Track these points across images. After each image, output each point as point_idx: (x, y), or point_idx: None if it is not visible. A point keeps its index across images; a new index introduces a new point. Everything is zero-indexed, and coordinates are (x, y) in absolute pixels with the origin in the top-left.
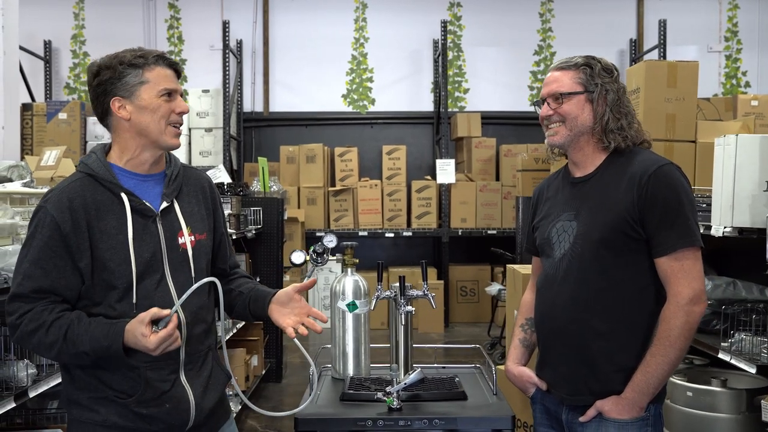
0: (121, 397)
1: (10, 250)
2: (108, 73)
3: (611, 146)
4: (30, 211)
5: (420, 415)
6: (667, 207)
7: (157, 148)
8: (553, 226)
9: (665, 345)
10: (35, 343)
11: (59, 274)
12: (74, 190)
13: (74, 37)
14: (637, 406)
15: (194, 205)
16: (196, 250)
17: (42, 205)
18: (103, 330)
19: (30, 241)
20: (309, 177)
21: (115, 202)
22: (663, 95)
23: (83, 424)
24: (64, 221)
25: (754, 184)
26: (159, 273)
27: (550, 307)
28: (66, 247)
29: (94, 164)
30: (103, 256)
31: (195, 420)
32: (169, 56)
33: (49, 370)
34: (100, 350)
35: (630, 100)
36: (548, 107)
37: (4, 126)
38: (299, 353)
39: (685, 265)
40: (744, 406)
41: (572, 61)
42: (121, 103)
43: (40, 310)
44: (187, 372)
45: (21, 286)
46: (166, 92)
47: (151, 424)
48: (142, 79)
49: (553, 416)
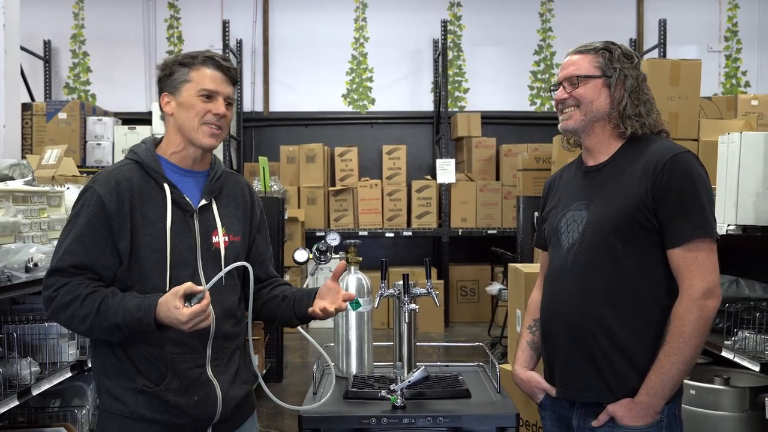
0: (149, 386)
1: (12, 248)
2: (164, 71)
3: (628, 132)
4: (32, 209)
5: (424, 413)
6: (682, 196)
7: (194, 146)
8: (562, 216)
9: (679, 343)
10: (69, 315)
11: (99, 252)
12: (122, 173)
13: (74, 37)
14: (652, 410)
15: (232, 207)
16: (228, 251)
17: (90, 185)
18: (136, 303)
19: (75, 218)
20: (309, 177)
21: (158, 191)
22: (666, 93)
23: (111, 415)
24: (110, 201)
25: (758, 182)
26: (192, 268)
27: (557, 301)
28: (109, 227)
29: (143, 153)
30: (142, 240)
31: (221, 414)
32: (222, 60)
33: (52, 368)
34: (132, 322)
35: (650, 89)
36: (564, 91)
37: (5, 125)
38: (300, 353)
39: (699, 257)
40: (747, 404)
41: (591, 45)
42: (168, 99)
43: (77, 284)
44: (213, 368)
45: (61, 261)
46: (205, 93)
47: (179, 416)
48: (187, 77)
49: (563, 422)
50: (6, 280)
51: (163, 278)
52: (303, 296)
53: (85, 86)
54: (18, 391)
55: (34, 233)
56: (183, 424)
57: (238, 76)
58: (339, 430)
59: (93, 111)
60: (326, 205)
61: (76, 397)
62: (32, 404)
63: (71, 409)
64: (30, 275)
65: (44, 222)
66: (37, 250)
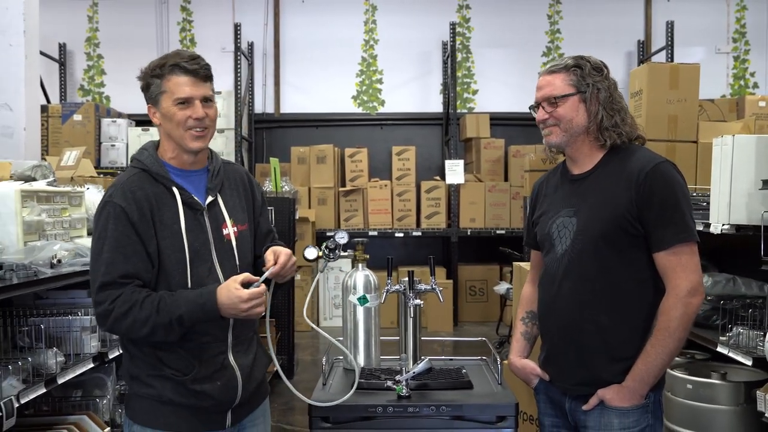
0: (177, 375)
1: (38, 245)
2: (142, 83)
3: (607, 144)
4: (55, 209)
5: (428, 403)
6: (664, 204)
7: (186, 152)
8: (553, 222)
9: (664, 336)
10: (130, 322)
11: (138, 258)
12: (135, 183)
13: (88, 40)
14: (638, 394)
15: (235, 197)
16: (239, 241)
17: (107, 200)
18: (196, 293)
19: (103, 233)
20: (319, 177)
21: (168, 194)
22: (665, 97)
23: (141, 398)
24: (131, 211)
25: (750, 183)
26: (209, 262)
27: (552, 303)
28: (137, 235)
29: (147, 160)
30: (163, 243)
31: (241, 397)
32: (189, 62)
33: (75, 359)
34: (195, 309)
35: (622, 96)
36: (544, 111)
37: (25, 128)
38: (310, 350)
39: (683, 259)
40: (742, 398)
41: (562, 63)
42: (153, 110)
43: (130, 293)
44: (235, 353)
45: (108, 275)
46: (181, 100)
47: (203, 400)
48: (162, 88)
49: (556, 405)
50: (33, 275)
51: (185, 276)
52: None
53: (99, 88)
54: (45, 379)
55: (56, 231)
56: (207, 407)
57: (210, 71)
58: (347, 418)
59: (107, 113)
60: (336, 206)
61: (96, 388)
62: (55, 394)
63: (93, 399)
64: (54, 271)
65: (66, 221)
66: (60, 247)
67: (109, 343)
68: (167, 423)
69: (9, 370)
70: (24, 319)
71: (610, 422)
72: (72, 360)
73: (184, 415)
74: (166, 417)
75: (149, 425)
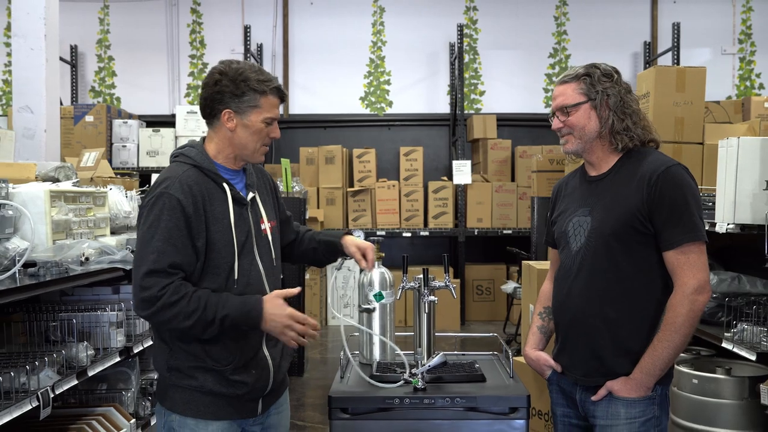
0: (218, 365)
1: (68, 243)
2: (230, 86)
3: (618, 147)
4: (81, 208)
5: (443, 394)
6: (673, 205)
7: (245, 159)
8: (569, 221)
9: (671, 330)
10: (175, 312)
11: (186, 251)
12: (190, 177)
13: (99, 42)
14: (645, 386)
15: (266, 195)
16: (273, 235)
17: (164, 191)
18: (241, 299)
19: (156, 222)
20: (328, 178)
21: (218, 190)
22: (672, 99)
23: (181, 389)
24: (187, 204)
25: (754, 184)
26: (251, 255)
27: (566, 297)
28: (189, 228)
29: (198, 157)
30: (214, 237)
31: (272, 385)
32: (280, 88)
33: (103, 353)
34: (241, 315)
35: (636, 99)
36: (558, 120)
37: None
38: (319, 349)
39: (691, 258)
40: (747, 392)
41: (573, 72)
42: (230, 115)
43: (179, 284)
44: (267, 343)
45: (158, 262)
46: (270, 120)
47: (240, 389)
48: (257, 103)
49: (568, 396)
50: (65, 271)
51: (232, 268)
52: (329, 246)
53: (110, 90)
54: (77, 371)
55: (82, 230)
56: (242, 395)
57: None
58: (365, 409)
59: (118, 114)
60: (345, 206)
61: (120, 382)
62: (81, 387)
63: (118, 392)
64: (84, 268)
65: (91, 220)
66: (89, 245)
67: (133, 338)
68: (207, 412)
69: (45, 362)
70: (53, 314)
71: (617, 412)
72: (101, 353)
73: (221, 403)
74: (206, 406)
75: (189, 415)
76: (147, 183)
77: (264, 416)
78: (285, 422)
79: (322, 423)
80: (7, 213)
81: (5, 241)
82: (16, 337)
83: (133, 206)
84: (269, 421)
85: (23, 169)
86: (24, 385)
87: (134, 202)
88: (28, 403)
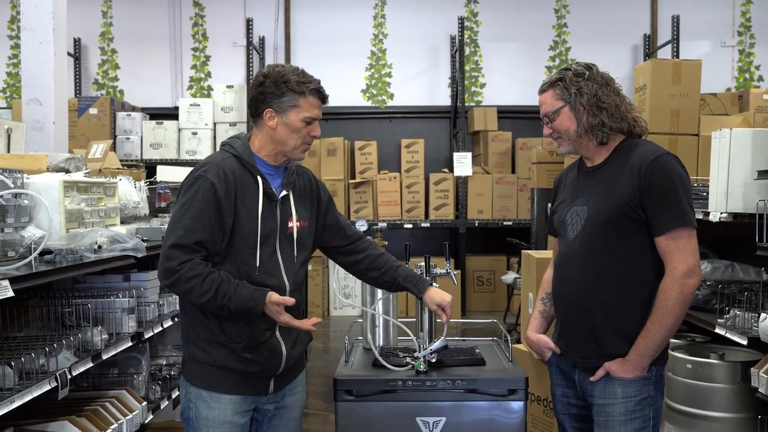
0: (231, 342)
1: (81, 231)
2: (272, 87)
3: (595, 142)
4: (92, 198)
5: (444, 377)
6: (662, 192)
7: (286, 156)
8: (568, 210)
9: (663, 313)
10: (189, 287)
11: (213, 230)
12: (228, 165)
13: (102, 35)
14: (640, 366)
15: (303, 197)
16: (299, 234)
17: (201, 174)
18: (248, 293)
19: (190, 201)
20: (330, 170)
21: (252, 182)
22: (668, 92)
23: (196, 362)
24: (220, 188)
25: (746, 174)
26: (272, 247)
27: (564, 283)
28: (219, 210)
29: (240, 149)
30: (241, 223)
31: (284, 367)
32: (321, 89)
33: (117, 338)
34: (243, 309)
35: (617, 89)
36: (547, 127)
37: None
38: (322, 339)
39: (680, 243)
40: (739, 376)
41: (549, 80)
42: (272, 114)
43: (198, 262)
44: (282, 329)
45: (184, 238)
46: (310, 119)
47: (250, 366)
48: (296, 103)
49: (567, 376)
50: (80, 259)
51: (254, 255)
52: (404, 289)
53: (113, 82)
54: (92, 354)
55: (93, 220)
56: (253, 372)
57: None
58: (369, 391)
59: (122, 106)
60: (346, 197)
61: (131, 367)
62: (93, 372)
63: (130, 376)
64: (97, 255)
65: (102, 210)
66: (101, 234)
67: (144, 324)
68: (219, 385)
69: (63, 344)
70: (67, 300)
71: (614, 391)
72: (115, 337)
73: (233, 379)
74: (219, 380)
75: (203, 387)
76: (152, 175)
77: (277, 396)
78: (299, 403)
79: (325, 410)
80: (23, 202)
81: (21, 230)
82: (33, 321)
83: (142, 197)
84: (284, 401)
85: (35, 161)
86: (43, 366)
87: (143, 192)
88: (47, 384)
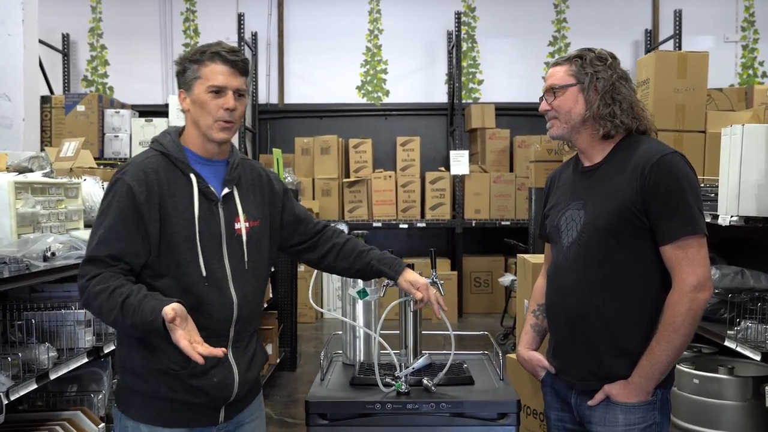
0: (174, 368)
1: (31, 237)
2: (178, 66)
3: (600, 133)
4: (50, 200)
5: (428, 399)
6: (669, 195)
7: (209, 141)
8: (562, 215)
9: (670, 331)
10: (98, 305)
11: (131, 240)
12: (150, 165)
13: (92, 31)
14: (644, 390)
15: (251, 193)
16: (249, 236)
17: (119, 177)
18: (152, 305)
19: (107, 209)
20: (323, 168)
21: (185, 181)
22: (673, 86)
23: (133, 392)
24: (140, 192)
25: (760, 174)
26: (218, 253)
27: (558, 295)
28: (139, 217)
29: (169, 144)
30: (172, 230)
31: (236, 395)
32: (230, 53)
33: (69, 354)
34: (145, 325)
35: (633, 88)
36: (545, 102)
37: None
38: (314, 342)
39: (690, 252)
40: (750, 393)
41: (567, 55)
42: (183, 95)
43: (108, 276)
44: (234, 349)
45: (96, 250)
46: (215, 89)
47: (197, 396)
48: (197, 74)
49: (562, 399)
50: (25, 268)
51: (197, 266)
52: (387, 263)
53: (103, 79)
54: (36, 375)
55: (52, 224)
56: (201, 404)
57: (248, 66)
58: (345, 415)
59: (111, 103)
60: (341, 197)
61: (92, 383)
62: (50, 389)
63: (88, 394)
64: (48, 264)
65: (62, 213)
66: (54, 239)
67: (104, 337)
68: (160, 418)
69: None
70: (18, 313)
71: (615, 418)
72: (66, 355)
73: (177, 409)
74: (160, 412)
75: (142, 420)
76: None
77: (230, 425)
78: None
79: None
80: None
81: None
82: None
83: None
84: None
85: None
86: None
87: None
88: None
